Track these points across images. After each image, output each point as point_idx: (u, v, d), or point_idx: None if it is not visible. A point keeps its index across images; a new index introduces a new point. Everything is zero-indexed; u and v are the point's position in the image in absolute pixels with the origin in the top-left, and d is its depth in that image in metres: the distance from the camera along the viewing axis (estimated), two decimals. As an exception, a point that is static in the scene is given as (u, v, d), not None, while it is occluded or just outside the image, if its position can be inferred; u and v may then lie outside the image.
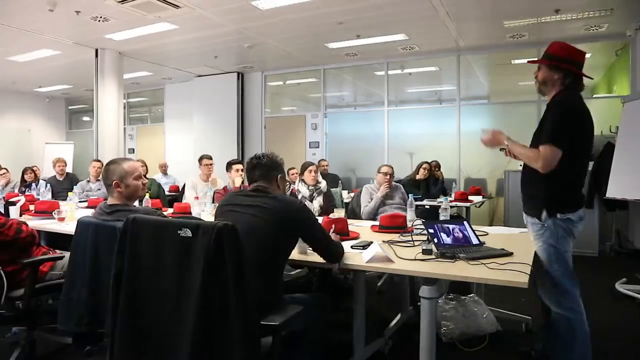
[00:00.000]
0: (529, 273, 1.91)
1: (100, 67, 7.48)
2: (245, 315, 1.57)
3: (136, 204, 2.74)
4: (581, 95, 2.46)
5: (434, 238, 2.41)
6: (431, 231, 2.46)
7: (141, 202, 3.75)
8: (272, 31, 6.54)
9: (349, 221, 3.20)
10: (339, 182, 7.02)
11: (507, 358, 2.98)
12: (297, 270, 3.06)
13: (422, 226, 2.75)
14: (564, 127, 2.28)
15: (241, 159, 8.59)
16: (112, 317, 1.72)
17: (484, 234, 2.98)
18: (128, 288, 1.70)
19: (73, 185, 6.05)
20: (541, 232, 2.39)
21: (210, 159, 5.54)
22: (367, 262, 2.20)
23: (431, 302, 2.08)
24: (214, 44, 7.15)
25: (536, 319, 3.32)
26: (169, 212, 3.82)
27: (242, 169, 4.78)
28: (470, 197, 5.92)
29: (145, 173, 6.02)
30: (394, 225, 3.13)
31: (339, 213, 3.65)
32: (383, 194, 4.32)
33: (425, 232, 2.50)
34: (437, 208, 5.07)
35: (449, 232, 2.52)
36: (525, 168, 2.57)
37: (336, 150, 8.83)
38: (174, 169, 8.88)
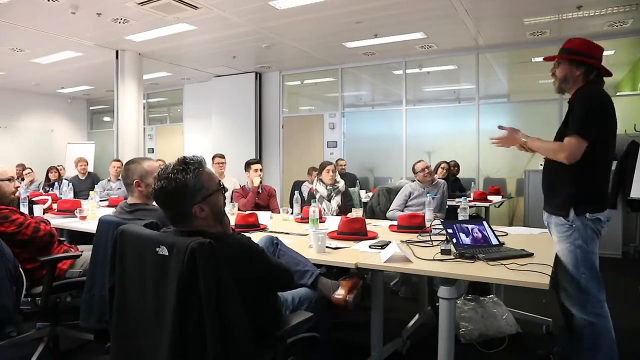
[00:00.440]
0: (550, 274, 1.89)
1: (121, 68, 7.58)
2: (227, 347, 1.41)
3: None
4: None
5: (453, 238, 2.38)
6: (450, 231, 2.43)
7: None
8: (289, 31, 6.56)
9: (367, 221, 3.19)
10: (357, 181, 7.01)
11: (527, 360, 2.94)
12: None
13: (441, 226, 2.73)
14: (590, 119, 2.22)
15: (259, 159, 8.65)
16: (111, 326, 1.70)
17: (504, 234, 2.95)
18: (118, 299, 1.66)
19: (94, 185, 6.17)
20: (568, 233, 2.30)
21: (222, 157, 5.57)
22: (385, 262, 2.18)
23: (450, 303, 2.06)
24: (232, 44, 7.20)
25: (557, 321, 3.27)
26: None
27: (261, 169, 4.80)
28: (489, 197, 5.86)
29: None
30: (412, 225, 3.12)
31: (357, 213, 3.64)
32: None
33: (444, 232, 2.48)
34: (455, 208, 5.03)
35: (468, 232, 2.49)
36: (547, 166, 2.50)
37: (354, 150, 8.81)
38: (193, 168, 8.91)
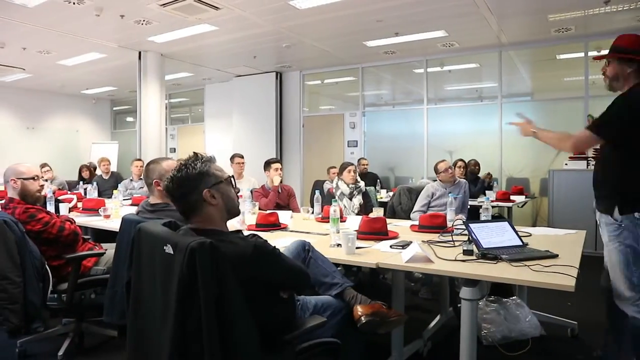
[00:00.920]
0: (575, 276, 1.84)
1: (143, 69, 7.70)
2: (227, 348, 1.41)
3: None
4: None
5: (475, 238, 2.35)
6: (472, 231, 2.40)
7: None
8: (310, 30, 6.56)
9: (388, 220, 3.17)
10: (377, 180, 6.98)
11: (552, 363, 2.88)
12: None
13: (463, 226, 2.70)
14: (614, 119, 2.21)
15: (279, 158, 8.68)
16: (128, 320, 1.74)
17: (527, 234, 2.89)
18: (133, 295, 1.70)
19: (117, 184, 6.28)
20: (617, 232, 2.26)
21: (242, 157, 5.60)
22: (406, 262, 2.17)
23: (472, 304, 2.03)
24: (252, 44, 7.24)
25: (583, 324, 3.20)
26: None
27: (281, 168, 4.82)
28: (512, 197, 5.76)
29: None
30: (433, 225, 3.08)
31: (377, 212, 3.62)
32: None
33: (466, 232, 2.44)
34: (477, 208, 4.96)
35: (490, 232, 2.45)
36: (596, 165, 2.50)
37: (374, 149, 8.77)
38: (214, 167, 9.00)
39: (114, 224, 3.53)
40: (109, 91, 11.53)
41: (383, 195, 6.07)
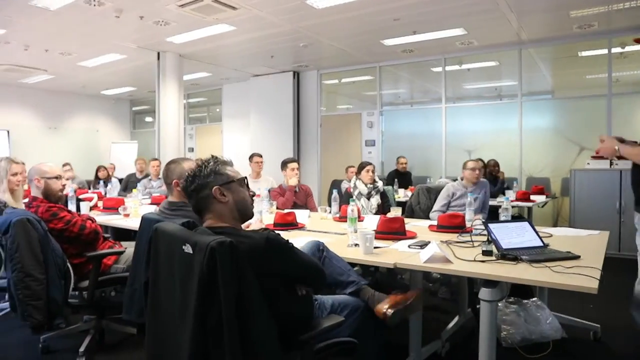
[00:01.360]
0: (598, 278, 1.80)
1: (162, 70, 7.78)
2: (247, 348, 1.42)
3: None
4: None
5: (495, 238, 2.32)
6: (491, 231, 2.37)
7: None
8: (327, 30, 6.55)
9: (406, 220, 3.15)
10: (395, 180, 6.95)
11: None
12: (354, 268, 3.04)
13: (482, 226, 2.66)
14: None
15: (297, 158, 8.70)
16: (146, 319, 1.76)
17: (548, 235, 2.84)
18: (151, 295, 1.72)
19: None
20: None
21: (261, 156, 5.62)
22: (424, 262, 2.15)
23: (491, 305, 2.00)
24: (270, 43, 7.26)
25: (606, 327, 3.14)
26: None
27: (298, 168, 4.83)
28: (532, 197, 5.67)
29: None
30: (452, 225, 3.05)
31: (395, 212, 3.60)
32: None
33: (485, 232, 2.41)
34: (496, 208, 4.90)
35: (510, 232, 2.41)
36: (633, 166, 2.47)
37: (392, 149, 8.72)
38: (232, 167, 9.08)
39: (133, 223, 3.58)
40: (128, 91, 11.69)
41: (401, 195, 6.04)
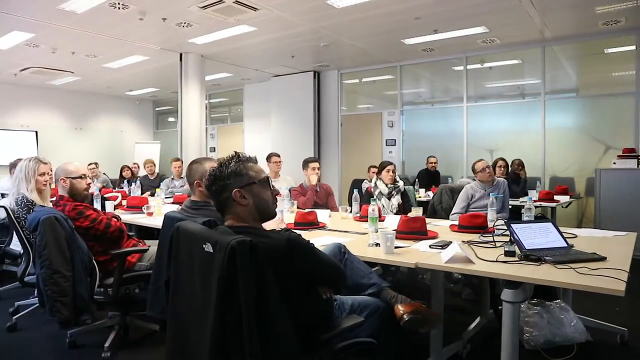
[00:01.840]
0: (626, 280, 1.77)
1: (184, 71, 7.88)
2: (266, 347, 1.42)
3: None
4: None
5: (517, 239, 2.29)
6: (514, 232, 2.34)
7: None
8: (347, 29, 6.55)
9: (427, 220, 3.13)
10: (415, 180, 6.91)
11: (599, 370, 2.78)
12: (374, 268, 3.04)
13: (504, 227, 2.63)
14: None
15: (318, 157, 8.72)
16: (167, 317, 1.77)
17: (573, 236, 2.79)
18: (172, 293, 1.73)
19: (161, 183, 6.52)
20: None
21: (279, 156, 5.65)
22: (446, 263, 2.14)
23: (514, 307, 1.98)
24: (290, 43, 7.29)
25: (633, 330, 3.07)
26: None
27: (319, 167, 4.84)
28: (556, 197, 5.58)
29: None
30: (473, 225, 3.02)
31: (416, 212, 3.58)
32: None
33: (508, 232, 2.38)
34: (519, 208, 4.84)
35: (533, 233, 2.38)
36: None
37: (413, 148, 8.68)
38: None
39: (156, 222, 3.64)
40: (151, 92, 11.88)
41: (422, 195, 6.00)
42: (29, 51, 7.39)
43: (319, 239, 2.75)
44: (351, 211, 3.96)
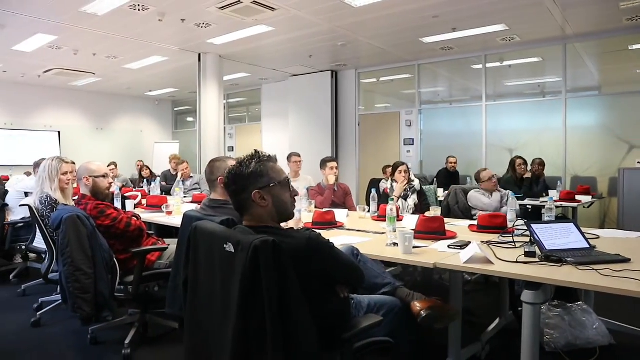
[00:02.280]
0: (650, 282, 1.73)
1: (203, 71, 7.95)
2: (289, 346, 1.42)
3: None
4: None
5: (538, 239, 2.25)
6: (534, 232, 2.30)
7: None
8: (365, 28, 6.53)
9: (446, 220, 3.11)
10: (434, 179, 6.86)
11: (622, 374, 2.72)
12: (392, 268, 3.03)
13: (524, 227, 2.60)
14: None
15: (335, 157, 8.72)
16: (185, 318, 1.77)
17: (595, 237, 2.74)
18: (191, 292, 1.72)
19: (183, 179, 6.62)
20: None
21: (299, 156, 5.66)
22: (465, 263, 2.12)
23: (534, 308, 1.95)
24: (308, 43, 7.30)
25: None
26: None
27: (337, 167, 4.83)
28: (577, 197, 5.48)
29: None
30: (493, 225, 2.99)
31: (435, 212, 3.55)
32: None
33: (528, 233, 2.35)
34: (539, 208, 4.77)
35: (554, 233, 2.34)
36: None
37: (431, 148, 8.62)
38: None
39: (175, 220, 3.68)
40: (170, 92, 12.01)
41: (440, 195, 5.95)
42: (52, 53, 7.55)
43: (336, 239, 2.75)
44: (369, 211, 3.95)
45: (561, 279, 1.88)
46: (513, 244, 2.49)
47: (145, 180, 7.51)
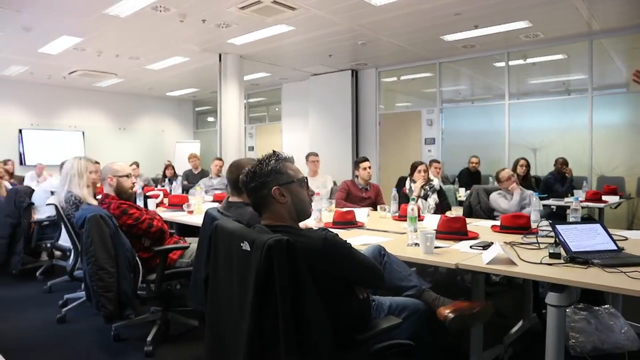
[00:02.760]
0: (682, 285, 1.67)
1: (223, 71, 8.00)
2: (303, 346, 1.42)
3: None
4: None
5: (563, 241, 2.20)
6: (559, 233, 2.25)
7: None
8: (385, 27, 6.49)
9: (468, 220, 3.06)
10: (455, 179, 6.78)
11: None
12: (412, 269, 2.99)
13: (548, 228, 2.54)
14: None
15: (356, 156, 8.68)
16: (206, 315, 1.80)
17: (623, 238, 2.67)
18: (211, 289, 1.76)
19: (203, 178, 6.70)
20: None
21: (316, 155, 5.66)
22: (487, 264, 2.08)
23: (559, 311, 1.91)
24: (328, 42, 7.29)
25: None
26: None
27: (369, 166, 4.82)
28: (604, 197, 5.35)
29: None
30: (516, 226, 2.94)
31: (456, 212, 3.51)
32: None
33: (552, 234, 2.30)
34: (564, 209, 4.67)
35: (580, 235, 2.29)
36: None
37: (453, 147, 8.52)
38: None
39: (196, 219, 3.71)
40: (191, 92, 12.14)
41: (461, 194, 5.88)
42: (76, 55, 7.70)
43: (357, 238, 2.74)
44: (389, 210, 3.93)
45: (588, 281, 1.84)
46: (537, 245, 2.44)
47: (167, 180, 7.61)
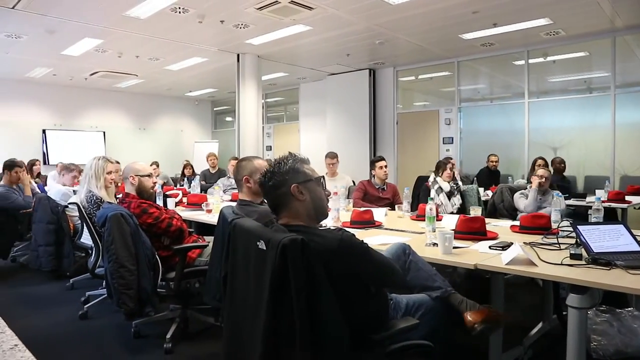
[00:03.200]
0: None
1: (242, 71, 8.05)
2: (317, 345, 1.43)
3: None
4: None
5: (585, 241, 2.17)
6: (581, 234, 2.21)
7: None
8: (403, 26, 6.45)
9: (487, 220, 3.03)
10: (474, 179, 6.71)
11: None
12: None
13: (570, 228, 2.51)
14: None
15: (374, 156, 8.65)
16: (224, 312, 1.83)
17: (647, 239, 2.61)
18: (229, 287, 1.78)
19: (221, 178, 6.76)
20: None
21: (336, 155, 5.66)
22: (507, 264, 2.06)
23: (580, 313, 1.88)
24: (346, 42, 7.28)
25: None
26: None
27: (386, 165, 4.82)
28: (627, 198, 5.24)
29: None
30: (536, 226, 2.90)
31: (475, 212, 3.47)
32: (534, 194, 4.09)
33: (573, 234, 2.27)
34: (586, 209, 4.59)
35: (602, 235, 2.25)
36: None
37: (471, 146, 8.44)
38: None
39: (215, 219, 3.73)
40: (209, 93, 12.24)
41: (482, 194, 5.83)
42: (98, 57, 7.83)
43: (374, 238, 2.73)
44: (408, 210, 3.91)
45: (610, 282, 1.81)
46: (557, 245, 2.41)
47: (185, 179, 7.69)
